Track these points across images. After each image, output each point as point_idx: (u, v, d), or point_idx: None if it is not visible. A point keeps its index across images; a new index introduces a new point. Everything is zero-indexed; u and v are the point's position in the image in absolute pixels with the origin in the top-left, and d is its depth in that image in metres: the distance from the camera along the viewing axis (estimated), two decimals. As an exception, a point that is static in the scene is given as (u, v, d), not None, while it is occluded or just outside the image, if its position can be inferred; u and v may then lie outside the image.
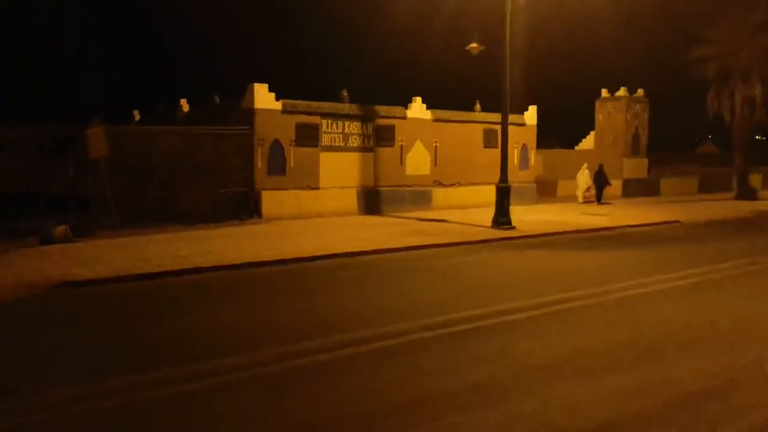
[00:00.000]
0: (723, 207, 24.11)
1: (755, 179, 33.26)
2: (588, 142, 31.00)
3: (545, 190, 31.46)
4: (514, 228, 16.27)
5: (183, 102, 22.38)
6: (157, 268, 10.64)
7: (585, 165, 25.70)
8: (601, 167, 25.40)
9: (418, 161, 21.79)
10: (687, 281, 9.64)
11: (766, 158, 38.27)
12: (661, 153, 36.82)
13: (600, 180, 25.16)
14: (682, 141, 52.29)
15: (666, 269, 10.62)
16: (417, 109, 21.71)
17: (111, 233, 14.62)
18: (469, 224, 17.28)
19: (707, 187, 32.59)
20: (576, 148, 31.74)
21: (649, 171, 30.62)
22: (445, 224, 17.52)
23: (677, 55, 27.61)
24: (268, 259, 11.76)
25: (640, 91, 29.80)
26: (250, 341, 6.60)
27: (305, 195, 19.15)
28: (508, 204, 16.51)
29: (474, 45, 18.51)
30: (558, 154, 32.25)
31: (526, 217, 19.01)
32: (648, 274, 10.16)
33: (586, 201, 25.29)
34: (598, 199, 25.11)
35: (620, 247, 14.03)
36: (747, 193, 27.40)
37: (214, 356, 6.06)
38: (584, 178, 25.66)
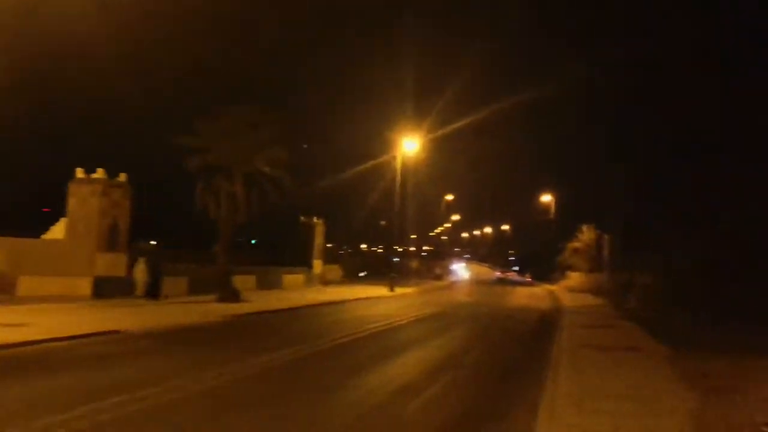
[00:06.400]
0: (194, 311, 21.38)
1: (248, 280, 32.80)
2: (58, 231, 25.76)
3: (1, 288, 24.81)
4: None
5: None
6: None
7: (143, 260, 24.96)
8: (155, 260, 25.45)
9: None
10: None
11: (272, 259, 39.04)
12: (169, 250, 34.03)
13: (155, 275, 24.83)
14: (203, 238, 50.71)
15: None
16: None
17: None
18: None
19: (202, 288, 30.45)
20: (43, 237, 26.10)
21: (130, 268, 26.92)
22: None
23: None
24: None
25: (123, 176, 26.26)
26: None
27: None
28: None
29: None
30: (23, 244, 26.12)
31: None
32: None
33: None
34: (155, 295, 24.27)
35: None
36: (230, 295, 25.82)
37: None
38: (141, 272, 24.71)
